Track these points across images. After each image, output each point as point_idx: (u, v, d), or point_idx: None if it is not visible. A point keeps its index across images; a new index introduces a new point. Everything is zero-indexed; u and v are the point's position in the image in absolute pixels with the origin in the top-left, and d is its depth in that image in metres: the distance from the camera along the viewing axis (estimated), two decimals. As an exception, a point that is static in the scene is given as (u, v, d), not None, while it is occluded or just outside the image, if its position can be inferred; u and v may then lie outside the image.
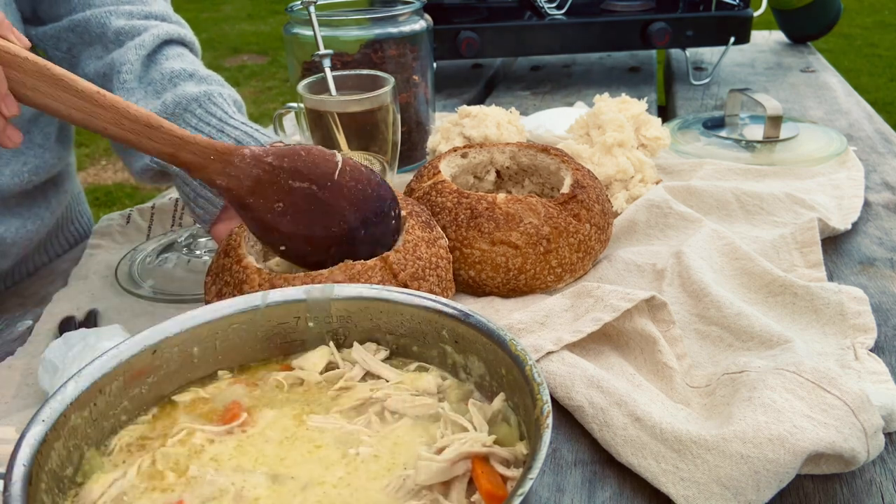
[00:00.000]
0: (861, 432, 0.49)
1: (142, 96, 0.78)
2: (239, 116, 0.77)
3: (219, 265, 0.65)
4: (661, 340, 0.61)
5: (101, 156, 3.68)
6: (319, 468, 0.43)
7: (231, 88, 0.82)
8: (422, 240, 0.66)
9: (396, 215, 0.66)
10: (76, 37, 0.84)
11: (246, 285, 0.61)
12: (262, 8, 6.42)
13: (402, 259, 0.63)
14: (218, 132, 0.75)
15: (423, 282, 0.64)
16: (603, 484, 0.52)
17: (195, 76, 0.79)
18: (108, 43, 0.82)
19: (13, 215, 0.84)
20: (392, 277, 0.62)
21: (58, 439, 0.41)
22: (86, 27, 0.83)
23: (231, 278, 0.63)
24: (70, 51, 0.85)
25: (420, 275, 0.64)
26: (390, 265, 0.62)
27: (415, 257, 0.64)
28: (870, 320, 0.64)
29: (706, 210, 0.86)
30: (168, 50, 0.81)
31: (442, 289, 0.66)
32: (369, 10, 1.09)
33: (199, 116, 0.76)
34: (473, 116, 0.95)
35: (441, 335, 0.50)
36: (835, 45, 4.66)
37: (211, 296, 0.64)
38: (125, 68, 0.79)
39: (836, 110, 1.25)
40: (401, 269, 0.62)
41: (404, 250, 0.64)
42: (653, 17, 1.36)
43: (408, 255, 0.64)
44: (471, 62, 1.61)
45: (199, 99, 0.76)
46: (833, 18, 1.59)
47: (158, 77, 0.78)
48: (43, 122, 0.87)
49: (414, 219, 0.68)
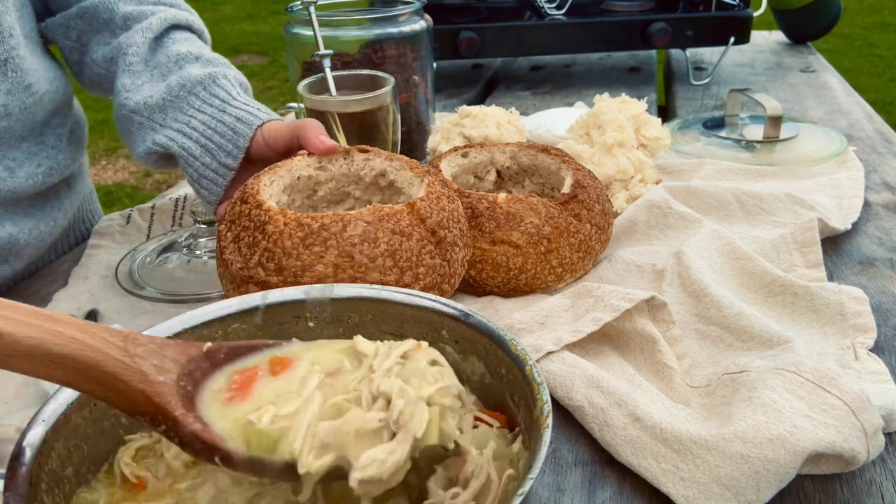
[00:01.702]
0: (861, 432, 0.49)
1: (147, 79, 0.79)
2: (243, 97, 0.78)
3: (234, 212, 0.64)
4: (661, 340, 0.61)
5: (101, 156, 3.68)
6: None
7: (237, 70, 0.82)
8: (443, 194, 0.66)
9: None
10: (85, 24, 0.85)
11: (269, 225, 0.60)
12: (262, 8, 6.42)
13: (428, 207, 0.63)
14: (220, 112, 0.75)
15: (449, 231, 0.63)
16: (603, 484, 0.52)
17: (201, 59, 0.80)
18: (115, 28, 0.83)
19: (27, 216, 0.85)
20: (420, 222, 0.62)
21: (58, 439, 0.41)
22: (94, 13, 0.84)
23: (251, 222, 0.62)
24: (79, 39, 0.86)
25: (445, 224, 0.63)
26: (417, 210, 0.62)
27: (439, 207, 0.64)
28: (870, 320, 0.64)
29: (706, 210, 0.86)
30: (175, 34, 0.82)
31: (463, 244, 0.66)
32: (369, 10, 1.08)
33: (203, 98, 0.76)
34: (473, 116, 0.95)
35: (441, 335, 0.50)
36: (835, 45, 4.65)
37: (227, 242, 0.63)
38: (131, 50, 0.80)
39: (836, 110, 1.25)
40: (427, 216, 0.62)
41: (429, 199, 0.63)
42: (653, 17, 1.36)
43: (433, 203, 0.63)
44: (471, 62, 1.61)
45: (203, 81, 0.77)
46: (833, 18, 1.59)
47: (164, 60, 0.79)
48: (55, 123, 0.87)
49: (432, 176, 0.68)
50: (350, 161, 0.71)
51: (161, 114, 0.77)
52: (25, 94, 0.80)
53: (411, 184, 0.68)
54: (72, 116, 0.92)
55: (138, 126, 0.78)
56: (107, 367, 0.37)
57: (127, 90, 0.79)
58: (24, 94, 0.79)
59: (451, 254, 0.64)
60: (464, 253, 0.66)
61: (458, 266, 0.65)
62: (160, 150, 0.77)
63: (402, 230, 0.61)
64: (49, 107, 0.85)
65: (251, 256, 0.61)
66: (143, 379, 0.38)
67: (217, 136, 0.74)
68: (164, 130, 0.77)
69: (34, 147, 0.84)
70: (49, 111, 0.85)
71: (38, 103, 0.82)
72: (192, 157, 0.75)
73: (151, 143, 0.77)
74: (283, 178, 0.69)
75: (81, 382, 0.37)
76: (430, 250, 0.62)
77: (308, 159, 0.70)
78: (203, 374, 0.41)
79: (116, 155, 3.70)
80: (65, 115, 0.90)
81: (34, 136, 0.84)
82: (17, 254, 0.84)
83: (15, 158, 0.81)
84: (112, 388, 0.37)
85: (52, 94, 0.84)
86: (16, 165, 0.81)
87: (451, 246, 0.64)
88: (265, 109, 0.77)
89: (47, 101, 0.84)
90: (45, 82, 0.83)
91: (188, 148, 0.75)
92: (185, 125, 0.76)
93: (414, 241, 0.61)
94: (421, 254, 0.61)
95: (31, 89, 0.80)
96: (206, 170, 0.75)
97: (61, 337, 0.35)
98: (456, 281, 0.65)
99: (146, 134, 0.78)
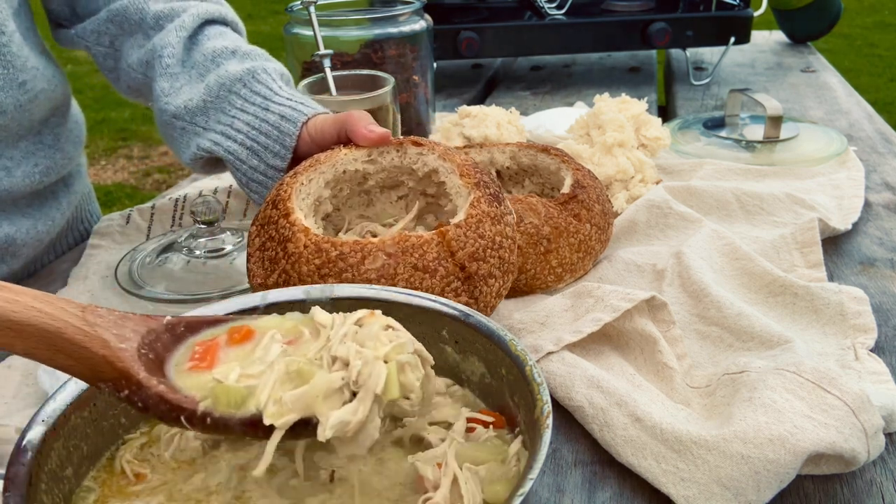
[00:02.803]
0: (861, 432, 0.49)
1: (186, 81, 0.77)
2: (286, 90, 0.76)
3: (265, 216, 0.62)
4: (661, 341, 0.61)
5: (100, 156, 3.68)
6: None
7: (276, 62, 0.80)
8: (487, 216, 0.59)
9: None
10: (116, 27, 0.83)
11: (290, 244, 0.57)
12: (262, 8, 6.42)
13: (463, 236, 0.57)
14: (263, 111, 0.73)
15: (483, 263, 0.58)
16: (603, 484, 0.52)
17: (237, 53, 0.78)
18: (147, 29, 0.81)
19: (24, 216, 0.84)
20: (449, 255, 0.56)
21: (58, 439, 0.41)
22: (125, 15, 0.82)
23: (276, 233, 0.59)
24: (112, 44, 0.85)
25: (480, 255, 0.57)
26: (448, 241, 0.57)
27: (477, 235, 0.58)
28: (870, 320, 0.64)
29: (706, 210, 0.86)
30: (209, 30, 0.80)
31: (503, 272, 0.60)
32: (369, 10, 1.09)
33: (244, 97, 0.74)
34: (473, 116, 0.95)
35: (441, 335, 0.50)
36: (835, 45, 4.65)
37: (253, 248, 0.61)
38: (167, 52, 0.78)
39: (837, 110, 1.25)
40: (459, 248, 0.57)
41: (466, 226, 0.58)
42: (653, 17, 1.36)
43: (469, 231, 0.57)
44: (471, 62, 1.61)
45: (242, 78, 0.75)
46: (833, 18, 1.59)
47: (201, 59, 0.77)
48: (53, 122, 0.87)
49: (481, 190, 0.61)
50: (402, 154, 0.67)
51: (203, 117, 0.75)
52: (20, 92, 0.79)
53: (459, 193, 0.63)
54: (70, 116, 0.92)
55: (181, 131, 0.77)
56: (66, 333, 0.37)
57: (166, 94, 0.77)
58: (17, 91, 0.79)
59: (483, 288, 0.58)
60: (501, 282, 0.60)
61: (493, 298, 0.60)
62: (206, 154, 0.75)
63: (425, 265, 0.56)
64: (46, 106, 0.84)
65: (271, 274, 0.59)
66: (104, 345, 0.38)
67: (262, 136, 0.73)
68: (208, 134, 0.75)
69: (32, 146, 0.84)
70: (47, 110, 0.85)
71: (34, 101, 0.81)
72: (240, 161, 0.73)
73: (196, 148, 0.75)
74: (325, 173, 0.65)
75: (42, 351, 0.37)
76: (455, 287, 0.57)
77: (356, 152, 0.67)
78: (165, 347, 0.41)
79: (116, 155, 3.70)
80: (63, 115, 0.89)
81: (31, 136, 0.84)
82: (15, 254, 0.84)
83: (12, 158, 0.81)
84: (73, 356, 0.38)
85: (49, 93, 0.84)
86: (13, 165, 0.81)
87: (484, 279, 0.58)
88: (309, 102, 0.74)
89: (44, 99, 0.83)
90: (43, 81, 0.83)
91: (234, 151, 0.73)
92: (229, 126, 0.74)
93: (438, 279, 0.56)
94: (444, 292, 0.56)
95: (25, 86, 0.79)
96: (255, 173, 0.73)
97: (19, 305, 0.36)
98: (488, 312, 0.60)
99: (190, 139, 0.76)
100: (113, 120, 4.00)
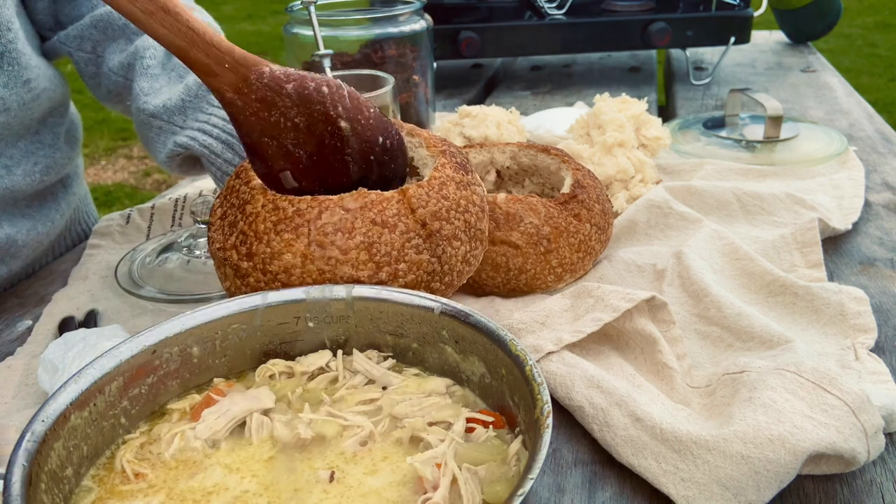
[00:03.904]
0: (861, 432, 0.49)
1: (165, 82, 0.78)
2: None
3: (229, 187, 0.62)
4: (661, 340, 0.61)
5: (100, 156, 3.68)
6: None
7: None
8: (451, 179, 0.60)
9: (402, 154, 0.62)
10: (99, 33, 0.84)
11: (249, 205, 0.57)
12: (262, 8, 6.42)
13: (424, 195, 0.57)
14: None
15: (447, 223, 0.58)
16: (603, 484, 0.52)
17: None
18: (130, 34, 0.82)
19: (24, 217, 0.85)
20: (410, 212, 0.56)
21: (58, 439, 0.41)
22: (108, 21, 0.83)
23: (237, 199, 0.59)
24: (95, 49, 0.85)
25: (443, 216, 0.57)
26: (409, 199, 0.56)
27: (440, 196, 0.58)
28: (870, 320, 0.64)
29: (706, 210, 0.86)
30: None
31: (470, 237, 0.60)
32: (369, 10, 1.08)
33: None
34: (473, 116, 0.95)
35: (441, 335, 0.50)
36: (835, 45, 4.66)
37: (216, 217, 0.61)
38: (148, 53, 0.79)
39: (837, 110, 1.25)
40: (420, 206, 0.56)
41: (428, 186, 0.58)
42: (653, 17, 1.36)
43: (432, 191, 0.58)
44: (471, 62, 1.61)
45: None
46: (833, 18, 1.59)
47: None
48: (52, 122, 0.87)
49: (447, 158, 0.62)
50: None
51: (181, 116, 0.76)
52: (24, 90, 0.79)
53: (425, 164, 0.64)
54: (68, 116, 0.92)
55: (158, 131, 0.77)
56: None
57: (146, 94, 0.78)
58: (22, 89, 0.79)
59: (448, 249, 0.58)
60: (468, 247, 0.60)
61: (459, 262, 0.60)
62: (182, 151, 0.76)
63: (384, 220, 0.55)
64: (47, 105, 0.85)
65: (229, 237, 0.58)
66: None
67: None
68: (185, 132, 0.76)
69: (31, 145, 0.84)
70: (46, 109, 0.85)
71: (37, 100, 0.82)
72: (215, 155, 0.74)
73: (173, 145, 0.76)
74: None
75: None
76: (416, 244, 0.56)
77: None
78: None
79: (116, 155, 3.70)
80: (62, 115, 0.90)
81: (31, 135, 0.84)
82: (15, 254, 0.84)
83: (12, 156, 0.81)
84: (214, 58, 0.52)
85: (50, 93, 0.84)
86: (13, 164, 0.81)
87: (448, 240, 0.58)
88: None
89: (45, 98, 0.84)
90: (45, 80, 0.83)
91: (209, 145, 0.74)
92: (206, 123, 0.75)
93: (398, 234, 0.55)
94: (404, 248, 0.56)
95: (29, 84, 0.80)
96: (229, 166, 0.74)
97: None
98: (454, 278, 0.60)
99: (167, 138, 0.77)
100: (112, 120, 4.00)
